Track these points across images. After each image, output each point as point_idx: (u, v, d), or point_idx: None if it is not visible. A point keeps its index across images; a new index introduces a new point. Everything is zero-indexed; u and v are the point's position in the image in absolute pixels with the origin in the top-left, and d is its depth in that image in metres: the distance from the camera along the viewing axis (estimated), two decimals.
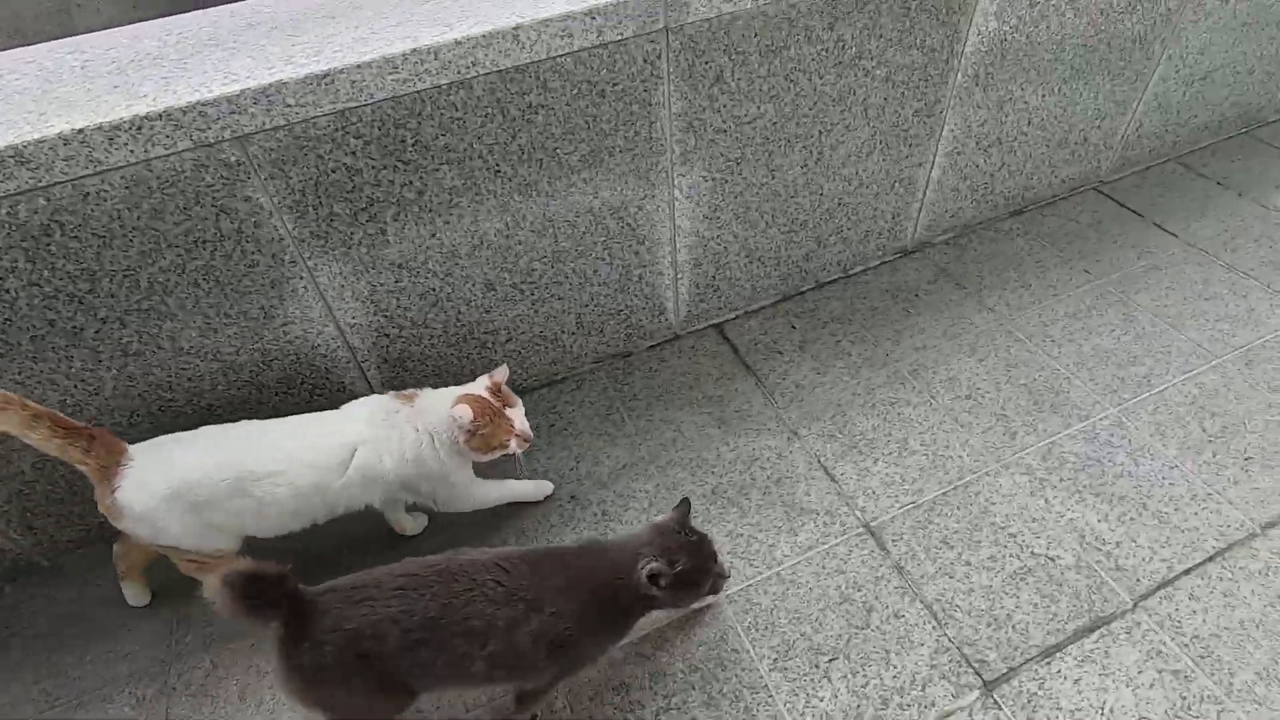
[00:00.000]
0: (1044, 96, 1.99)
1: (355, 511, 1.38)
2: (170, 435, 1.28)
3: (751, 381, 1.87)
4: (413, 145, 1.33)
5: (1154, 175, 2.40)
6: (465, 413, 1.30)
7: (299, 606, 1.00)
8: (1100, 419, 1.70)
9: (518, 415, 1.38)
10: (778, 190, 1.80)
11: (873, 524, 1.54)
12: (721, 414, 1.79)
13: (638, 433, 1.75)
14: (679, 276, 1.85)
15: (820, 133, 1.74)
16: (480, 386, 1.38)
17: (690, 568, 1.11)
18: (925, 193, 2.04)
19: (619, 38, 1.35)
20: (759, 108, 1.61)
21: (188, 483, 1.22)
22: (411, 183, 1.38)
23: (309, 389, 1.58)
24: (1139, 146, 2.34)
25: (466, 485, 1.47)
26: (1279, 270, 2.01)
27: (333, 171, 1.31)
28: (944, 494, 1.58)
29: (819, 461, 1.67)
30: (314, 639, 0.99)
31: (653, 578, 1.08)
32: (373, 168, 1.33)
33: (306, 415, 1.36)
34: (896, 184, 1.97)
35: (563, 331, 1.81)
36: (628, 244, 1.71)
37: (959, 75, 1.80)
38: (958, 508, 1.56)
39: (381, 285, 1.50)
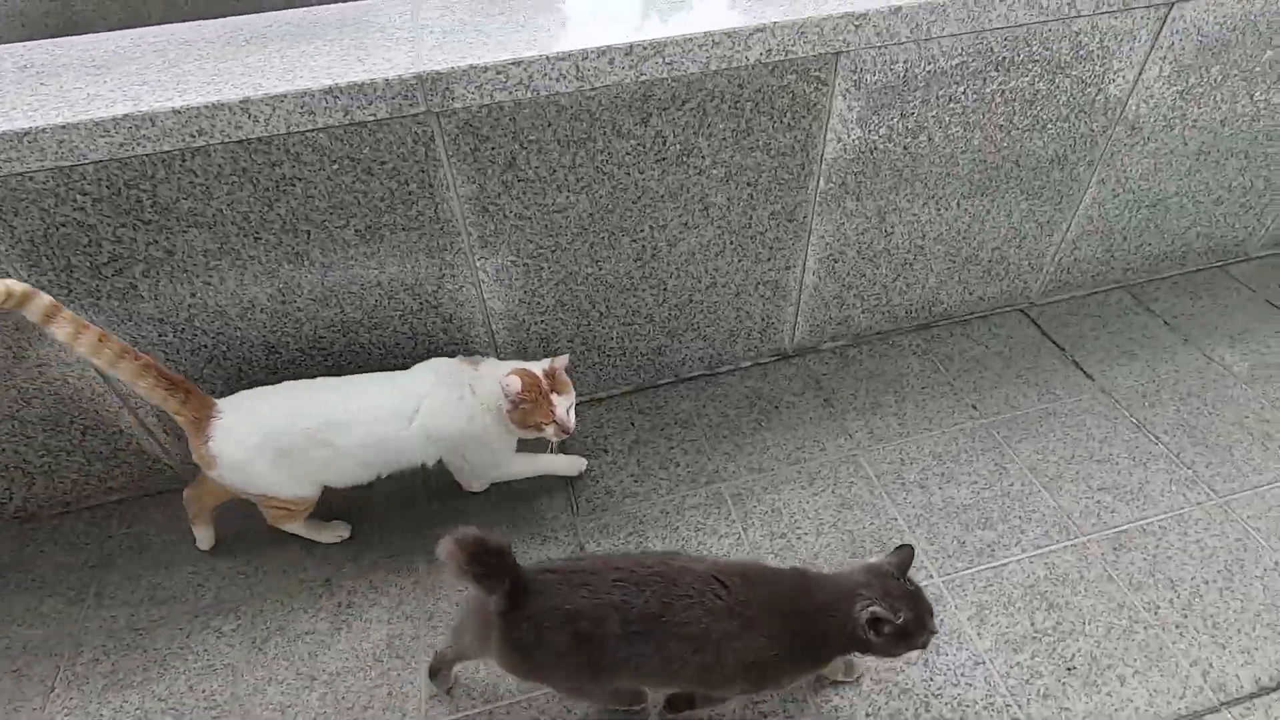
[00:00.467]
0: (939, 210, 1.79)
1: (413, 468, 1.47)
2: (254, 390, 1.39)
3: (562, 480, 1.74)
4: (150, 206, 1.28)
5: (1094, 303, 2.14)
6: (514, 383, 1.36)
7: (519, 583, 1.03)
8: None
9: (562, 403, 1.43)
10: (609, 281, 1.67)
11: None
12: (515, 516, 1.66)
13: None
14: (502, 358, 1.74)
15: (651, 228, 1.60)
16: (538, 366, 1.44)
17: (911, 619, 1.07)
18: (800, 298, 1.87)
19: (373, 118, 1.26)
20: (569, 197, 1.49)
21: (273, 432, 1.33)
22: (157, 241, 1.33)
23: (80, 433, 1.55)
24: (1077, 270, 2.09)
25: (504, 456, 1.55)
26: (1195, 440, 1.74)
27: (62, 225, 1.26)
28: None
29: None
30: (533, 616, 1.04)
31: (874, 622, 1.04)
32: (108, 224, 1.28)
33: (380, 373, 1.47)
34: (760, 286, 1.81)
35: None
36: (431, 320, 1.62)
37: (820, 181, 1.64)
38: None
39: (144, 338, 1.45)
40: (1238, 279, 2.21)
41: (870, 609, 1.04)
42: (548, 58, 1.27)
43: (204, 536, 1.59)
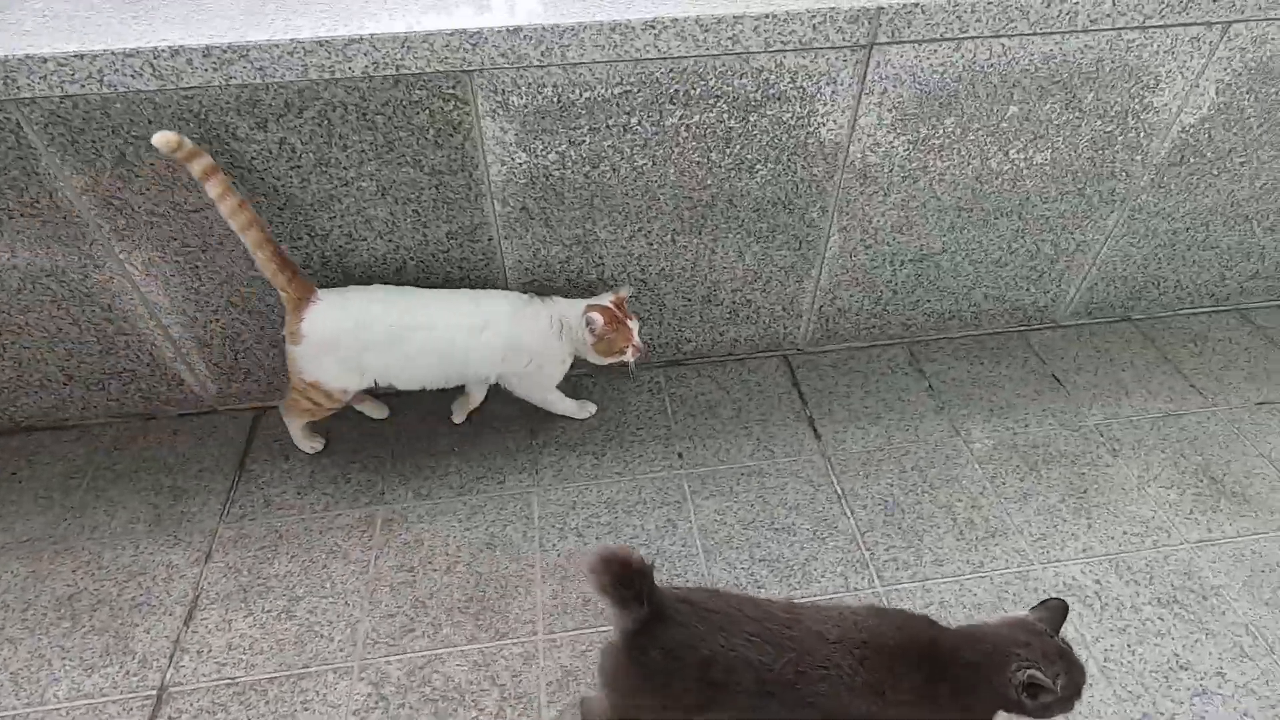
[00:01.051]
0: (652, 245, 1.68)
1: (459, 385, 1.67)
2: (352, 286, 1.52)
3: (228, 484, 1.70)
4: None
5: (866, 357, 2.00)
6: (599, 319, 1.52)
7: (658, 608, 1.00)
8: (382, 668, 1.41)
9: (636, 329, 1.60)
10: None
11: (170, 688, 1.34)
12: (158, 511, 1.63)
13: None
14: (185, 352, 1.71)
15: (310, 237, 1.54)
16: (607, 300, 1.59)
17: (1067, 683, 0.98)
18: None
19: None
20: (203, 198, 1.44)
21: (361, 323, 1.47)
22: None
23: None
24: (845, 321, 1.96)
25: (552, 380, 1.71)
26: (890, 520, 1.61)
27: None
28: (280, 679, 1.36)
29: (197, 596, 1.48)
30: (667, 646, 1.00)
31: (1031, 688, 0.96)
32: None
33: (460, 290, 1.61)
34: None
35: (50, 381, 1.71)
36: (88, 310, 1.59)
37: (496, 204, 1.55)
38: (276, 699, 1.33)
39: None
40: (1033, 347, 2.05)
41: (1029, 672, 0.96)
42: (114, 53, 1.22)
43: (309, 443, 1.74)
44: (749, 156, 1.57)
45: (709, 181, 1.60)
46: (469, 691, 1.35)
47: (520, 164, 1.49)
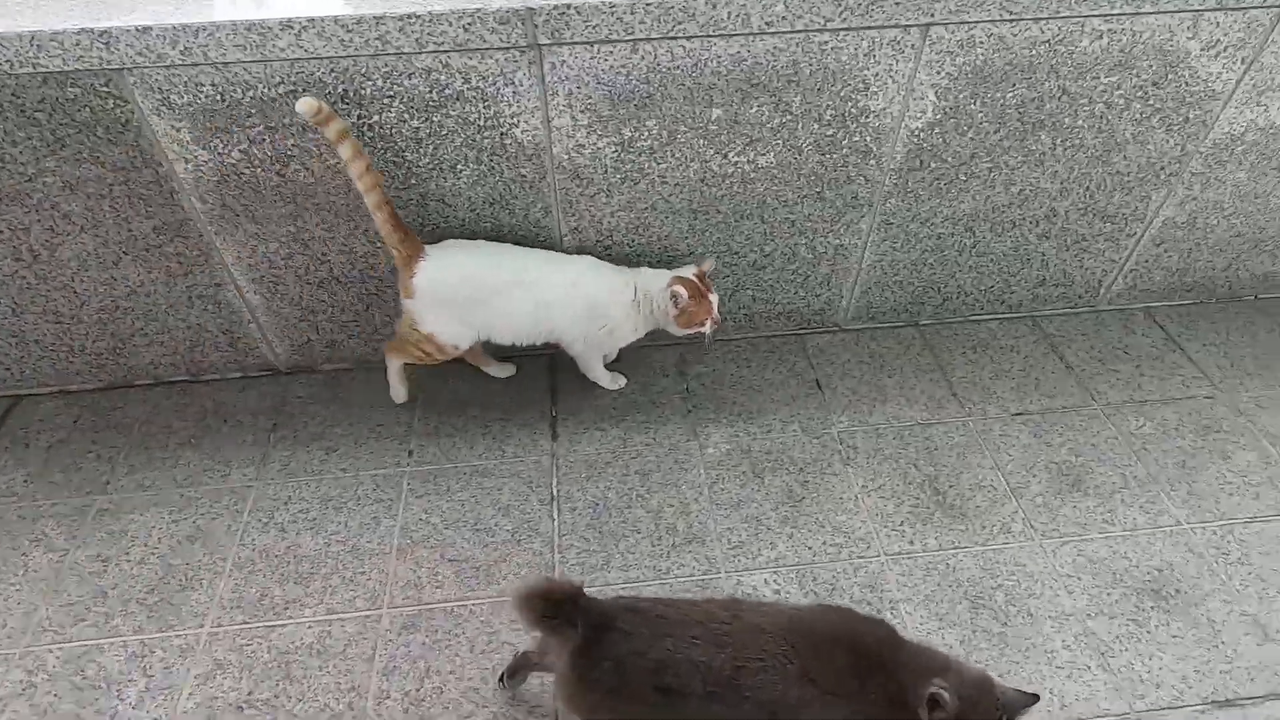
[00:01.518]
0: (377, 246, 1.69)
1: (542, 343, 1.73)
2: (456, 241, 1.62)
3: None
4: None
5: (653, 357, 2.00)
6: (684, 292, 1.59)
7: (598, 620, 1.03)
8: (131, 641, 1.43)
9: (715, 302, 1.65)
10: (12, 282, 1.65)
11: None
12: None
13: None
14: None
15: (13, 229, 1.56)
16: (690, 272, 1.64)
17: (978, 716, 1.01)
18: (258, 318, 1.80)
19: None
20: None
21: (467, 278, 1.58)
22: None
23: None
24: None
25: (614, 348, 1.86)
26: (596, 528, 1.61)
27: None
28: None
29: None
30: (615, 659, 1.02)
31: (932, 702, 1.00)
32: None
33: (552, 251, 1.68)
34: (193, 299, 1.74)
35: None
36: None
37: (195, 200, 1.56)
38: None
39: None
40: (808, 351, 2.02)
41: (935, 691, 0.99)
42: None
43: (399, 392, 1.85)
44: (447, 157, 1.56)
45: (412, 181, 1.59)
46: (116, 681, 1.37)
47: (205, 162, 1.50)
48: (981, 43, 1.51)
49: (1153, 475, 1.71)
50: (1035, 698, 1.05)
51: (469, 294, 1.59)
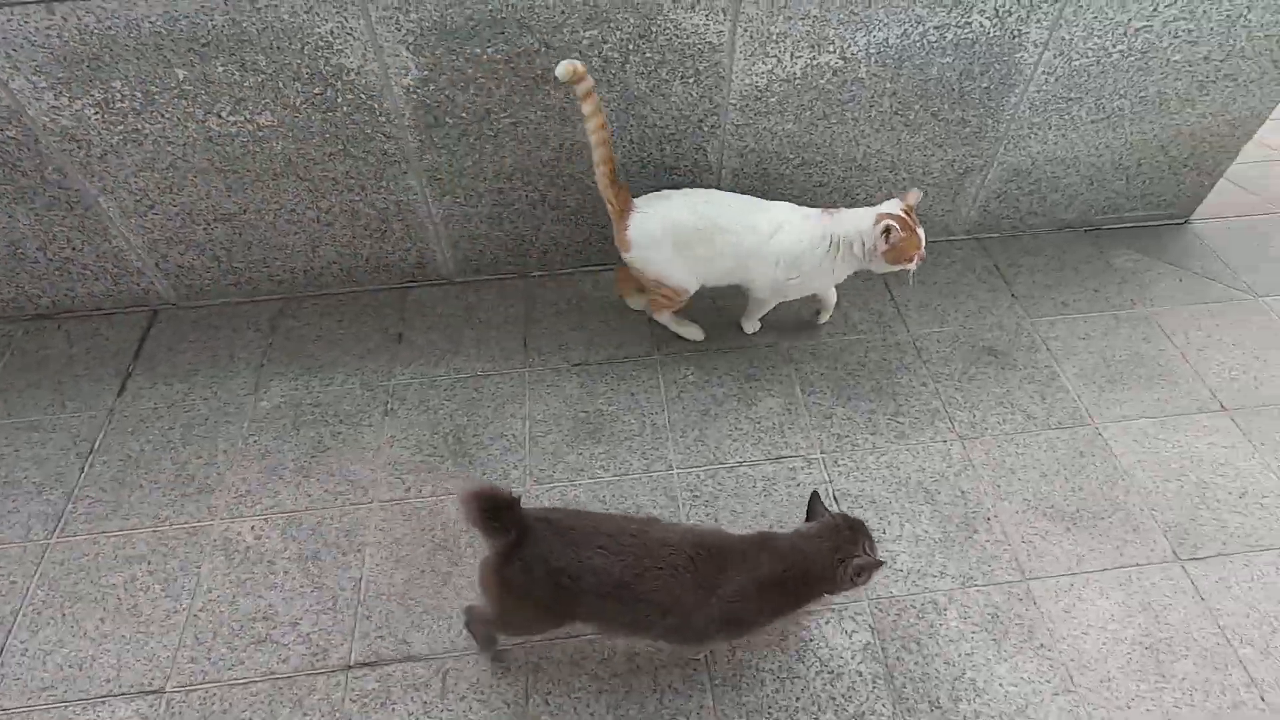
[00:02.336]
0: None
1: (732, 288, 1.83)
2: (662, 192, 1.71)
3: None
4: None
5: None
6: (896, 225, 1.58)
7: (523, 530, 1.17)
8: None
9: (923, 236, 1.65)
10: None
11: None
12: None
13: None
14: None
15: None
16: (898, 207, 1.64)
17: (872, 548, 1.26)
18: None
19: None
20: None
21: (675, 225, 1.66)
22: None
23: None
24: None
25: (795, 295, 1.85)
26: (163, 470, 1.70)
27: None
28: None
29: None
30: (525, 560, 1.17)
31: (859, 572, 1.21)
32: None
33: (753, 197, 1.73)
34: None
35: None
36: None
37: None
38: None
39: None
40: (406, 306, 2.07)
41: (855, 563, 1.20)
42: None
43: (634, 302, 1.99)
44: None
45: None
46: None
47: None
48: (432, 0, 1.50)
49: (673, 423, 1.80)
50: (814, 492, 1.34)
51: (676, 242, 1.67)
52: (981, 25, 1.69)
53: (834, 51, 1.70)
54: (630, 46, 1.63)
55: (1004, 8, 1.67)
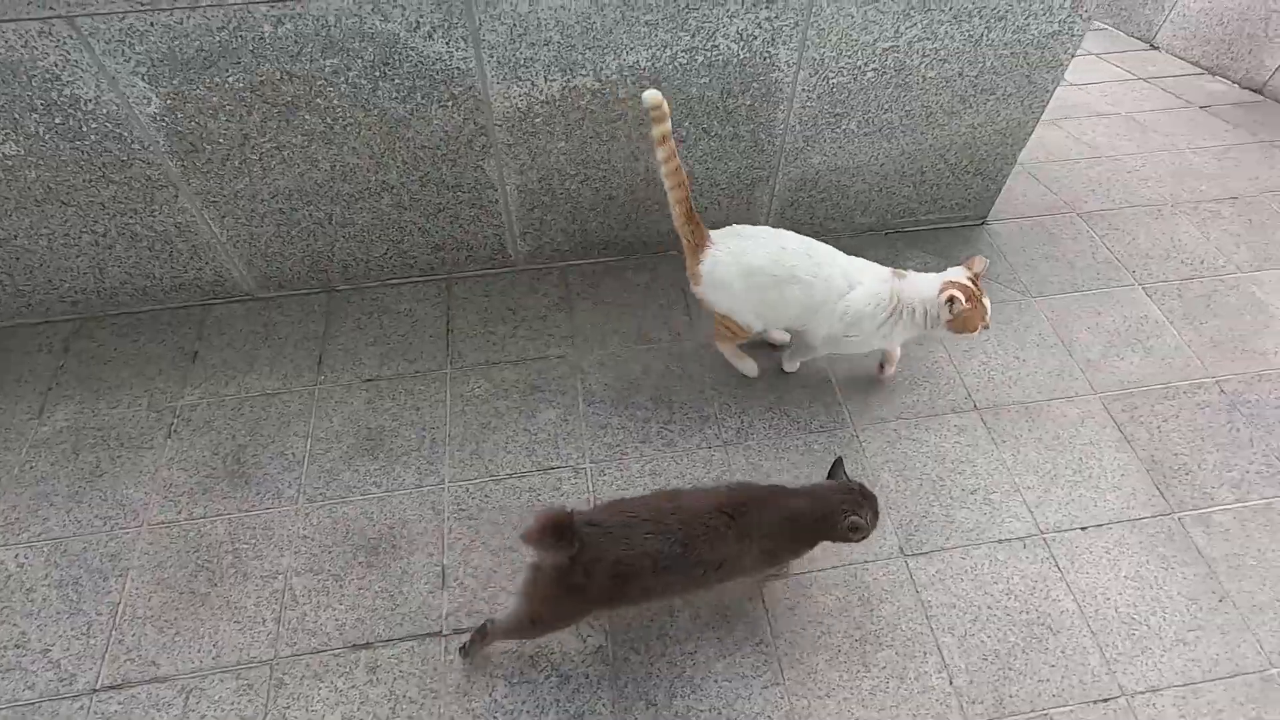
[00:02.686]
0: None
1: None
2: (739, 228, 1.70)
3: None
4: None
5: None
6: (962, 297, 1.57)
7: (580, 541, 1.26)
8: None
9: (989, 305, 1.65)
10: None
11: None
12: None
13: None
14: None
15: None
16: (964, 276, 1.63)
17: (874, 516, 1.42)
18: None
19: None
20: None
21: (750, 269, 1.65)
22: None
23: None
24: None
25: (845, 350, 1.82)
26: None
27: None
28: None
29: None
30: (585, 564, 1.27)
31: (853, 528, 1.38)
32: None
33: (833, 248, 1.70)
34: None
35: None
36: None
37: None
38: None
39: None
40: (208, 324, 2.09)
41: (850, 518, 1.37)
42: None
43: (749, 365, 1.95)
44: None
45: None
46: None
47: None
48: (148, 31, 1.50)
49: (453, 436, 1.86)
50: (839, 458, 1.51)
51: (748, 285, 1.66)
52: (729, 48, 1.75)
53: (588, 74, 1.74)
54: (377, 74, 1.65)
55: (747, 32, 1.73)
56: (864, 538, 1.41)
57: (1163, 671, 1.51)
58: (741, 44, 1.75)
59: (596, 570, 1.28)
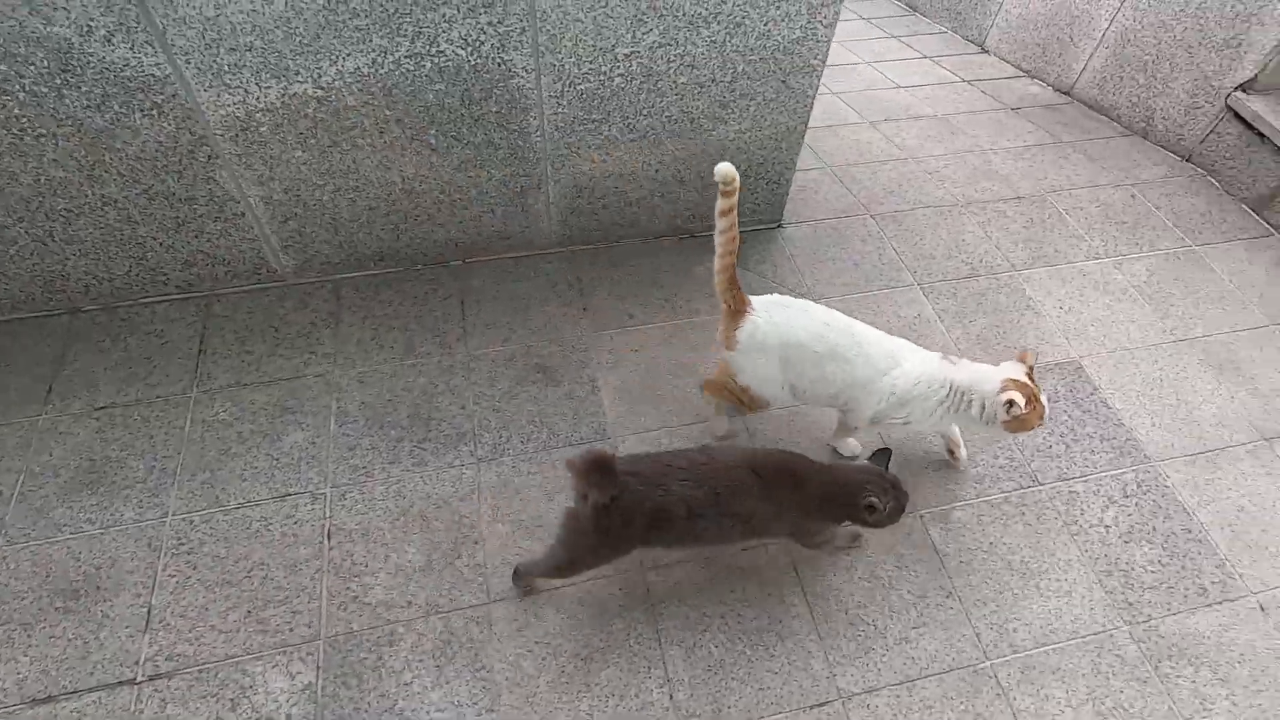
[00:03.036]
0: None
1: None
2: (778, 298, 1.62)
3: None
4: None
5: None
6: (1021, 401, 1.50)
7: (619, 486, 1.33)
8: None
9: (1046, 403, 1.59)
10: None
11: None
12: None
13: None
14: None
15: None
16: (1021, 372, 1.56)
17: (897, 505, 1.45)
18: None
19: None
20: None
21: (791, 344, 1.59)
22: None
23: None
24: None
25: (918, 433, 1.84)
26: None
27: None
28: None
29: None
30: (624, 508, 1.34)
31: (869, 508, 1.41)
32: None
33: (880, 331, 1.64)
34: None
35: None
36: None
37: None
38: None
39: None
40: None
41: (869, 499, 1.40)
42: None
43: (721, 424, 1.87)
44: None
45: None
46: None
47: None
48: None
49: (186, 465, 1.76)
50: (888, 450, 1.53)
51: (784, 358, 1.61)
52: (457, 54, 1.70)
53: (305, 81, 1.66)
54: (58, 81, 1.54)
55: (472, 38, 1.68)
56: (880, 523, 1.46)
57: (881, 672, 1.53)
58: (469, 49, 1.70)
59: (635, 516, 1.36)
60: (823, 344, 1.59)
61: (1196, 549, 1.75)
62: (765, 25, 1.83)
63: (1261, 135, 2.56)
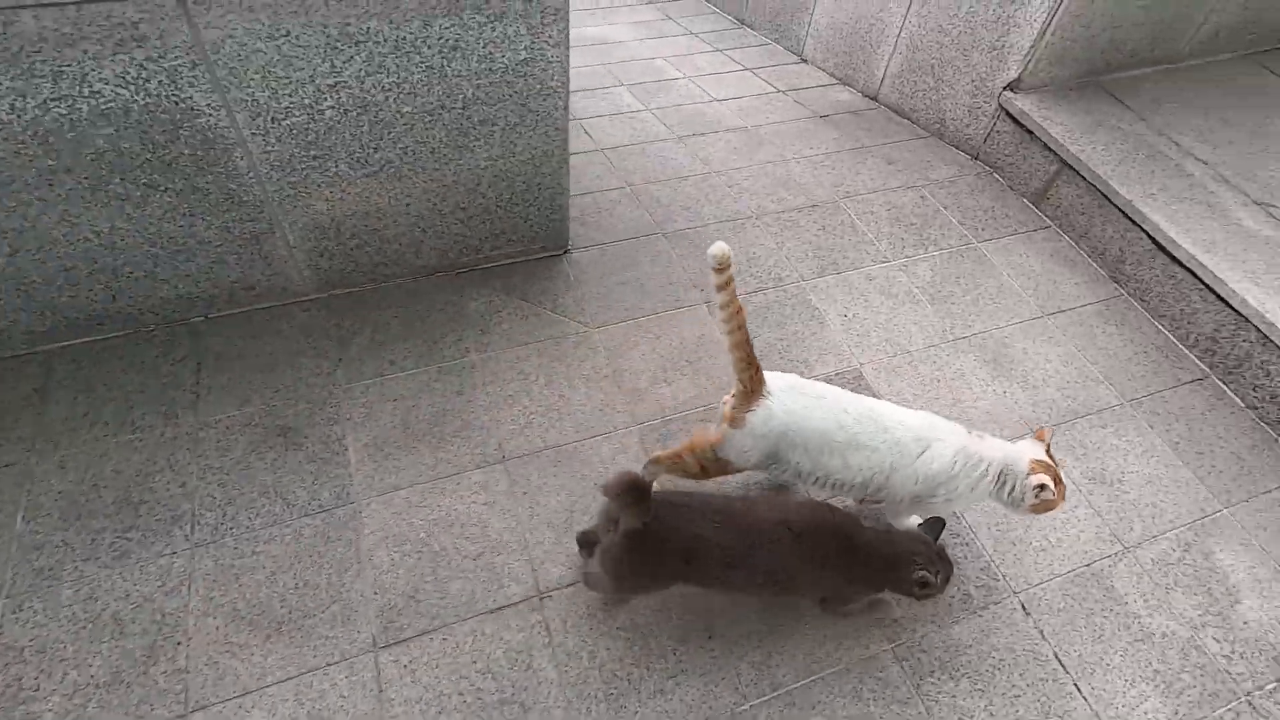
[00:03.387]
0: None
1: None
2: (793, 380, 1.52)
3: None
4: None
5: None
6: (1049, 483, 1.43)
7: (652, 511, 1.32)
8: None
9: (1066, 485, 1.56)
10: None
11: None
12: None
13: None
14: None
15: None
16: (1041, 451, 1.50)
17: (944, 579, 1.41)
18: None
19: None
20: None
21: (802, 429, 1.48)
22: None
23: None
24: None
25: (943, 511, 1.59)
26: None
27: None
28: None
29: None
30: (659, 538, 1.34)
31: (922, 584, 1.38)
32: None
33: (909, 410, 1.54)
34: None
35: None
36: None
37: None
38: None
39: None
40: None
41: (920, 573, 1.37)
42: None
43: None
44: None
45: None
46: None
47: None
48: None
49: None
50: (942, 520, 1.48)
51: (800, 443, 1.49)
52: (118, 94, 1.51)
53: None
54: None
55: (132, 75, 1.49)
56: (929, 597, 1.43)
57: None
58: (134, 89, 1.51)
59: (668, 547, 1.35)
60: (846, 434, 1.48)
61: (964, 553, 1.73)
62: (485, 47, 1.73)
63: (1030, 132, 2.66)
